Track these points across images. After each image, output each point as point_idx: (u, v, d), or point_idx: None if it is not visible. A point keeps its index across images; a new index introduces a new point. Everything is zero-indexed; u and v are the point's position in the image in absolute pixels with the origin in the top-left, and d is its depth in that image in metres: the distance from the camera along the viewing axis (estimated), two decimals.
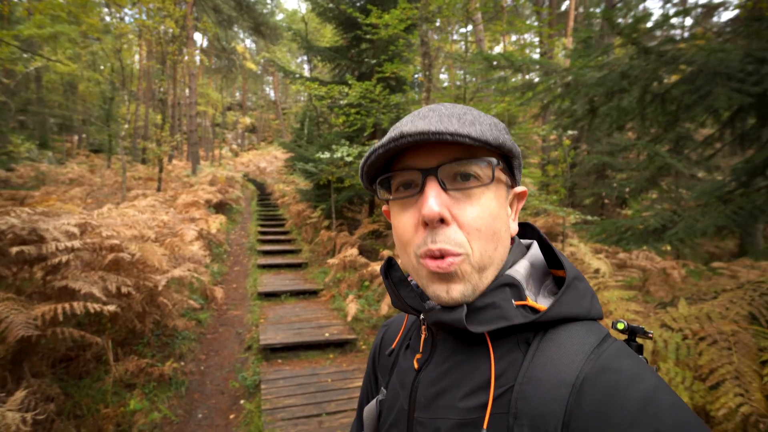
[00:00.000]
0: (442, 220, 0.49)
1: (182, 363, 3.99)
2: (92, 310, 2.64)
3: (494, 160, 0.51)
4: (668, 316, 1.75)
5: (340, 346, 4.53)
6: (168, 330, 4.27)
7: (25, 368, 2.79)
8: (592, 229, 3.38)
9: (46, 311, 2.51)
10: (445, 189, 0.50)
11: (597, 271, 4.89)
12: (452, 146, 0.50)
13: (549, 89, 2.40)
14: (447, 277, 0.49)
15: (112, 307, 2.76)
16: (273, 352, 4.32)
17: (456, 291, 0.50)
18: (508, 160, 0.55)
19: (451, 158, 0.50)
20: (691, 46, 1.72)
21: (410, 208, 0.52)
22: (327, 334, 4.59)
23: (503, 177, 0.54)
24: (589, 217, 5.62)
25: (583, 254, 5.56)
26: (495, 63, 2.33)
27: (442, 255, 0.49)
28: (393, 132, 0.49)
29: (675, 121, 2.37)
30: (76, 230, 2.98)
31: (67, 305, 2.54)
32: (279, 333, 4.58)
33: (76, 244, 2.85)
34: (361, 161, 0.54)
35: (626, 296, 2.00)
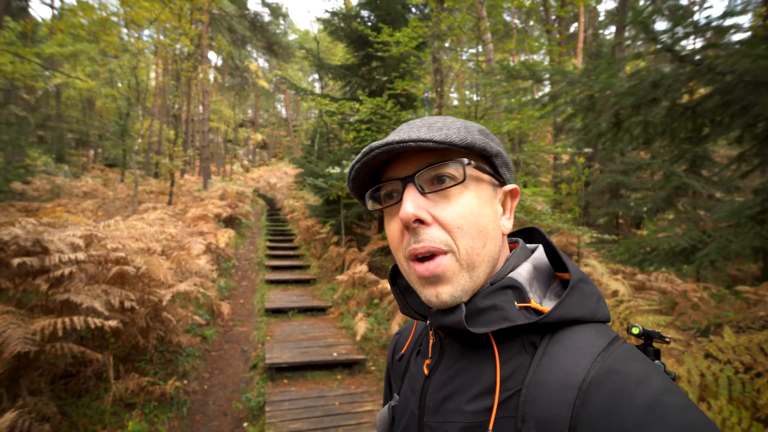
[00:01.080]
0: (422, 222, 0.50)
1: (185, 381, 3.86)
2: (93, 326, 2.54)
3: (465, 160, 0.51)
4: (713, 346, 1.58)
5: (348, 366, 4.36)
6: (172, 346, 4.15)
7: (23, 385, 2.68)
8: (614, 249, 3.22)
9: (45, 326, 2.42)
10: (423, 193, 0.51)
11: (615, 293, 4.68)
12: (426, 153, 0.52)
13: (573, 100, 2.30)
14: (434, 280, 0.50)
15: (113, 323, 2.66)
16: (279, 371, 4.16)
17: (445, 294, 0.50)
18: (487, 160, 0.56)
19: (425, 164, 0.52)
20: (733, 53, 1.61)
21: (395, 216, 0.54)
22: (335, 354, 4.43)
23: (483, 176, 0.54)
24: (606, 237, 5.43)
25: (600, 275, 5.34)
26: (515, 73, 2.25)
27: (430, 254, 0.50)
28: (365, 148, 0.51)
29: (706, 135, 2.24)
30: (81, 242, 2.91)
31: (67, 320, 2.44)
32: (285, 351, 4.43)
33: (81, 256, 2.78)
34: (346, 178, 0.56)
35: (662, 321, 1.84)
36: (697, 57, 1.72)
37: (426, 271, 0.50)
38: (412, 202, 0.50)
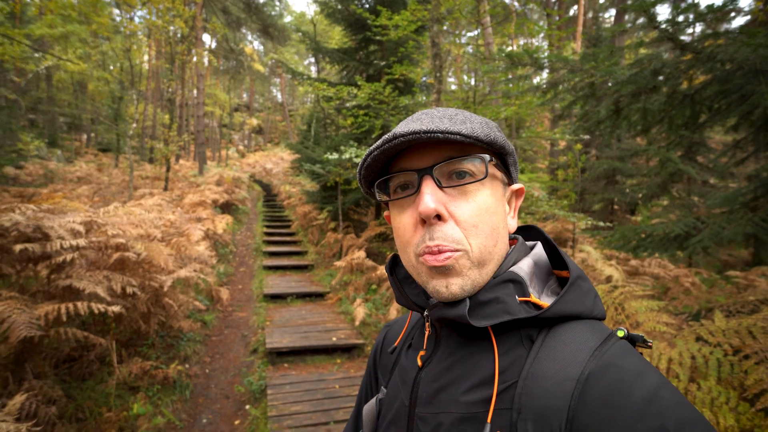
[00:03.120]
0: (439, 217, 0.50)
1: (187, 365, 3.92)
2: (96, 311, 2.57)
3: (487, 157, 0.51)
4: (704, 330, 1.64)
5: (347, 351, 4.44)
6: (173, 331, 4.20)
7: (28, 369, 2.72)
8: (610, 235, 3.26)
9: (49, 311, 2.44)
10: (441, 187, 0.51)
11: (609, 278, 4.76)
12: (445, 146, 0.51)
13: (573, 88, 2.31)
14: (445, 271, 0.50)
15: (116, 308, 2.69)
16: (279, 356, 4.23)
17: (455, 285, 0.50)
18: (502, 158, 0.56)
19: (445, 157, 0.51)
20: (733, 41, 1.62)
21: (408, 208, 0.53)
22: (334, 339, 4.50)
23: (498, 174, 0.55)
24: (601, 223, 5.49)
25: (594, 260, 5.41)
26: (516, 60, 2.25)
27: (440, 251, 0.49)
28: (387, 134, 0.50)
29: (703, 122, 2.26)
30: (81, 228, 2.91)
31: (70, 305, 2.47)
32: (285, 336, 4.49)
33: (82, 242, 2.79)
34: (359, 165, 0.55)
35: (656, 307, 1.89)
36: (697, 45, 1.73)
37: (436, 261, 0.49)
38: (432, 196, 0.49)
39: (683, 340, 1.59)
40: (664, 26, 1.72)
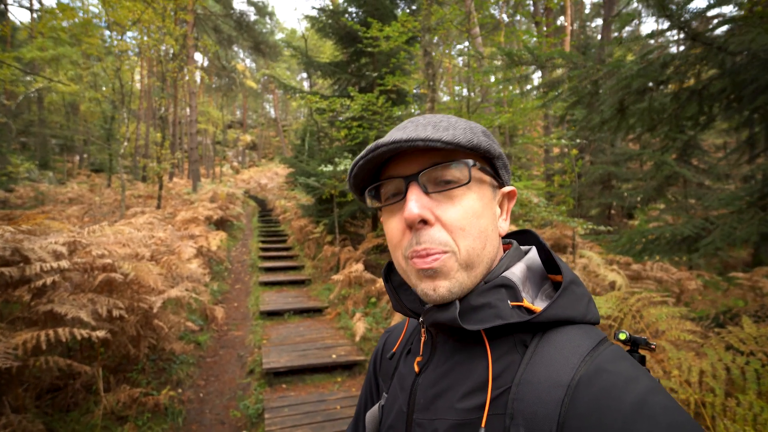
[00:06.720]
0: (425, 222, 0.50)
1: (179, 390, 3.73)
2: (79, 337, 2.41)
3: (470, 161, 0.52)
4: (733, 337, 1.52)
5: (348, 368, 4.26)
6: (164, 354, 4.01)
7: (5, 402, 2.54)
8: (616, 239, 3.16)
9: (27, 339, 2.28)
10: (427, 192, 0.51)
11: (613, 284, 4.64)
12: (431, 153, 0.52)
13: (576, 88, 2.22)
14: (432, 274, 0.50)
15: (101, 333, 2.52)
16: (277, 376, 4.05)
17: (442, 288, 0.50)
18: (490, 162, 0.56)
19: (430, 163, 0.52)
20: (748, 29, 1.54)
21: (397, 214, 0.54)
22: (334, 356, 4.33)
23: (485, 177, 0.55)
24: (602, 228, 5.40)
25: (596, 266, 5.30)
26: (517, 59, 2.16)
27: (427, 254, 0.50)
28: (371, 144, 0.51)
29: (711, 119, 2.18)
30: (64, 249, 2.76)
31: (50, 332, 2.31)
32: (283, 355, 4.31)
33: (64, 264, 2.64)
34: (347, 174, 0.56)
35: (677, 313, 1.77)
36: (709, 35, 1.65)
37: (424, 264, 0.50)
38: (417, 202, 0.50)
39: (713, 350, 1.46)
40: (685, 16, 1.64)
